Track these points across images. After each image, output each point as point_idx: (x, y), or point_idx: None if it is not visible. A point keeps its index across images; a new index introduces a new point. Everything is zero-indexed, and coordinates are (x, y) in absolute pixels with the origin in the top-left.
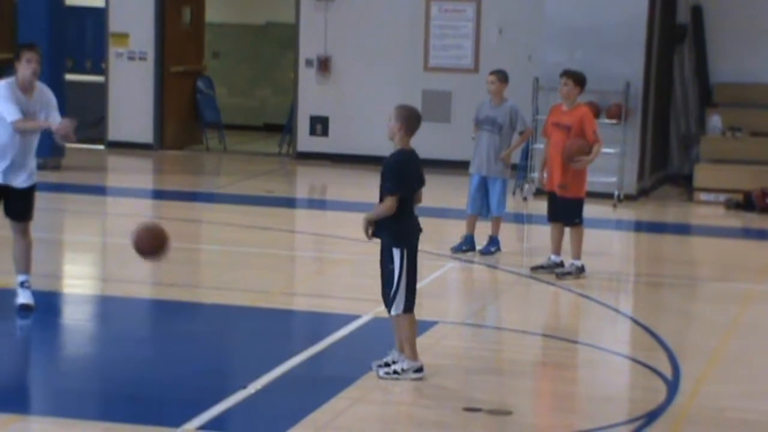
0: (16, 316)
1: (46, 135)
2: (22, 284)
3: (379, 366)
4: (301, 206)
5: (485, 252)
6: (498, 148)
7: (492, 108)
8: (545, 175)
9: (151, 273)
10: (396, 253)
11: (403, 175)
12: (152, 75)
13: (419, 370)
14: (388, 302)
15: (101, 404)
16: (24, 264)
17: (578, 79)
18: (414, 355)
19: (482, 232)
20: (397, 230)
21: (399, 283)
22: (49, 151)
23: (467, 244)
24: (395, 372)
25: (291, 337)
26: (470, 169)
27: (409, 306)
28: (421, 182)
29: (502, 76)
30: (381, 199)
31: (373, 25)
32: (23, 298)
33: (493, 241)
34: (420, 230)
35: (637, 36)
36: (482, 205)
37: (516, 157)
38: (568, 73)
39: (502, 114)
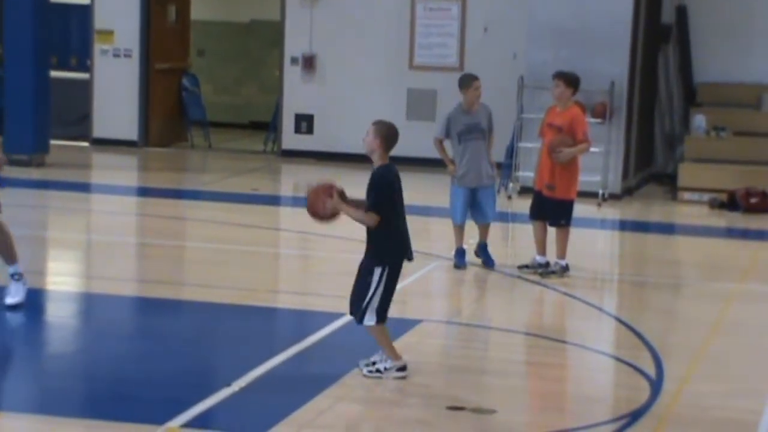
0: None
1: (25, 132)
2: (11, 276)
3: (366, 365)
4: (286, 204)
5: (491, 264)
6: (486, 154)
7: (469, 115)
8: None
9: (135, 270)
10: (376, 270)
11: (387, 190)
12: (137, 72)
13: (402, 368)
14: (359, 313)
15: (85, 402)
16: (6, 255)
17: (570, 81)
18: (396, 357)
19: (468, 236)
20: (381, 246)
21: (372, 298)
22: (34, 147)
23: (463, 258)
24: (378, 371)
25: (275, 335)
26: (462, 183)
27: (380, 320)
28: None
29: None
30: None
31: (359, 23)
32: (9, 296)
33: (486, 251)
34: (408, 252)
35: (622, 35)
36: (469, 211)
37: (500, 156)
38: (559, 75)
39: (484, 118)
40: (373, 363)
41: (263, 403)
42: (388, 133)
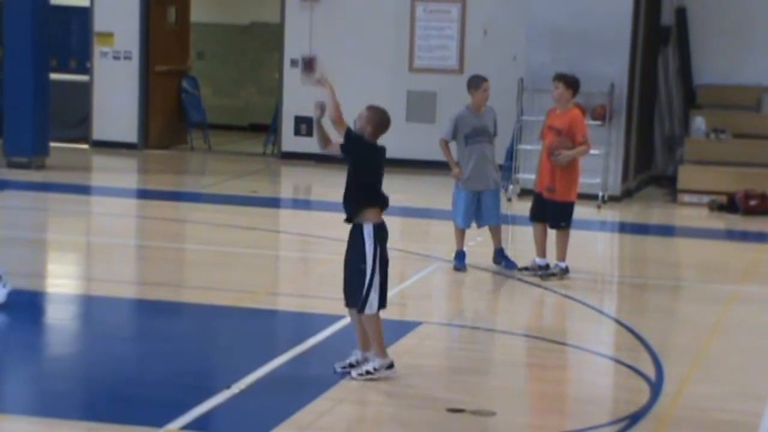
0: None
1: (25, 134)
2: None
3: (344, 368)
4: (286, 206)
5: (512, 266)
6: (491, 157)
7: (477, 117)
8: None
9: (135, 272)
10: (366, 230)
11: (363, 139)
12: (137, 74)
13: (390, 366)
14: (360, 303)
15: (85, 404)
16: None
17: (569, 83)
18: (383, 353)
19: (468, 238)
20: (364, 202)
21: (372, 282)
22: (33, 149)
23: (463, 261)
24: (368, 372)
25: (275, 338)
26: (466, 186)
27: (382, 304)
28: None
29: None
30: (349, 182)
31: (359, 25)
32: None
33: (504, 255)
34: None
35: (622, 37)
36: (474, 214)
37: (500, 158)
38: (559, 77)
39: (490, 121)
40: (351, 365)
41: (263, 405)
42: (380, 122)
